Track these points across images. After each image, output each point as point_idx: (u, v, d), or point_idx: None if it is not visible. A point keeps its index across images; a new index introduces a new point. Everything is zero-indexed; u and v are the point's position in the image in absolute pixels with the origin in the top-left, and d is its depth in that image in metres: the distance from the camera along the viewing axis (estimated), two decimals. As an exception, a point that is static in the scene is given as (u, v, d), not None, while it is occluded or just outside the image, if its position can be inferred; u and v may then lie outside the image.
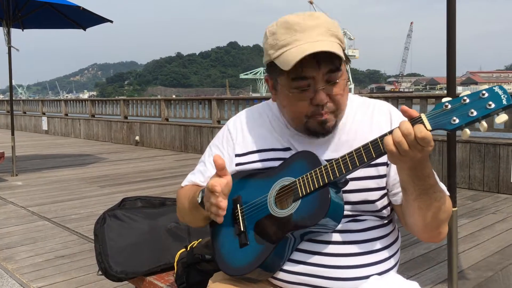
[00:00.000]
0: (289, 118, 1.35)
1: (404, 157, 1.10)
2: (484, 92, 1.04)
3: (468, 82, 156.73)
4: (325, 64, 1.23)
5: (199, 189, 1.41)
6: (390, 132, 1.11)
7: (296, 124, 1.33)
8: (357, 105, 1.41)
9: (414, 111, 1.10)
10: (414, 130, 1.07)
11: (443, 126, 1.07)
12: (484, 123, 1.04)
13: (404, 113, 1.10)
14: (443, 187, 1.31)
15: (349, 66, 1.38)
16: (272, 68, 1.32)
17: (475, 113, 1.03)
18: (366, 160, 1.16)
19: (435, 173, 1.27)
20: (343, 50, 1.28)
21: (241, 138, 1.45)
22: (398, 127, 1.09)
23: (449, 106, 1.06)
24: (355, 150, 1.18)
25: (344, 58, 1.26)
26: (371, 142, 1.16)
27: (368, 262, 1.29)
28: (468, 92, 1.06)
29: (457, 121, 1.05)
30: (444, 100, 1.07)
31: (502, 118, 1.03)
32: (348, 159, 1.18)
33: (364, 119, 1.37)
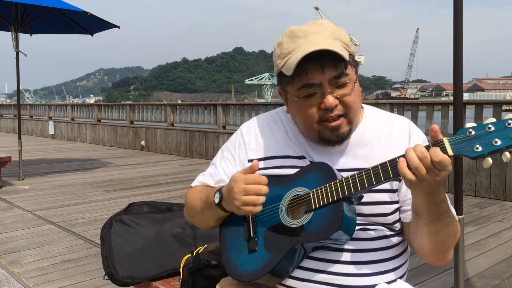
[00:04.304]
0: (302, 128, 1.34)
1: (422, 181, 1.08)
2: (510, 121, 1.02)
3: (474, 88, 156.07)
4: (330, 68, 1.21)
5: (213, 189, 1.39)
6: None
7: (310, 133, 1.31)
8: (377, 117, 1.40)
9: (439, 134, 1.08)
10: (430, 154, 1.05)
11: (465, 153, 1.05)
12: (507, 154, 1.02)
13: (432, 131, 1.09)
14: (453, 211, 1.30)
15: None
16: (281, 78, 1.31)
17: (499, 143, 1.01)
18: (383, 179, 1.14)
19: (447, 196, 1.27)
20: (351, 55, 1.26)
21: (254, 144, 1.43)
22: (413, 149, 1.07)
23: (473, 133, 1.05)
24: (373, 168, 1.16)
25: (348, 59, 1.22)
26: (389, 161, 1.14)
27: (378, 270, 1.29)
28: (494, 120, 1.04)
29: (480, 149, 1.03)
30: (468, 125, 1.06)
31: None
32: (365, 177, 1.16)
33: (382, 132, 1.35)
